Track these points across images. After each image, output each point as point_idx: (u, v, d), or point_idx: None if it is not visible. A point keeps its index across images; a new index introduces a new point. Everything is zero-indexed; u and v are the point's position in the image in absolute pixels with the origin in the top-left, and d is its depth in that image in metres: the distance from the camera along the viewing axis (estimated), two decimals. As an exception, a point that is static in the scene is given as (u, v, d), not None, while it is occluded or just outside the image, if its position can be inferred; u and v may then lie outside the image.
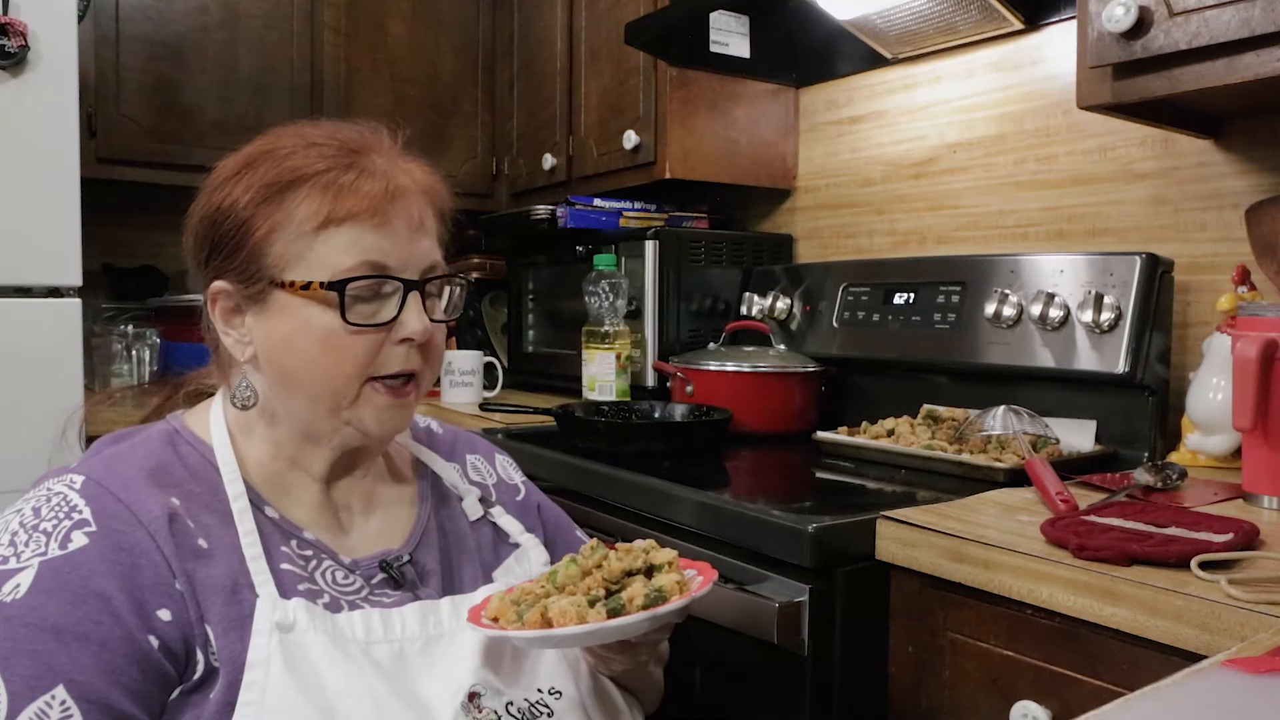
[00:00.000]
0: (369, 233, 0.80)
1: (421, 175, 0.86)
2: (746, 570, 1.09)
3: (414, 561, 0.87)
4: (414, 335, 0.81)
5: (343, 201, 0.79)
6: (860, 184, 2.06)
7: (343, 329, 0.79)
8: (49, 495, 0.75)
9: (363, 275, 0.79)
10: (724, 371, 1.75)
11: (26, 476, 0.79)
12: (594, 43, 2.31)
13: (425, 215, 0.85)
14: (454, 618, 0.82)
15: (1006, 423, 1.37)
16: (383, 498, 0.91)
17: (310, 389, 0.81)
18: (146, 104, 2.28)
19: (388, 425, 0.83)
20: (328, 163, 0.80)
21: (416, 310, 0.81)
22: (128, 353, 2.15)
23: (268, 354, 0.82)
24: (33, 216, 1.72)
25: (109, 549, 0.72)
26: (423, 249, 0.83)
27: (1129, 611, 0.82)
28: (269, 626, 0.73)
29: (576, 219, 2.17)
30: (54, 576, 0.69)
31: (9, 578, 0.69)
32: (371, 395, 0.81)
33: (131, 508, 0.74)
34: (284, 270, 0.79)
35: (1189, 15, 1.09)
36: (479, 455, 1.04)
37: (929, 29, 1.78)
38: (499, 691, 0.78)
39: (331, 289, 0.78)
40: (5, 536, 0.73)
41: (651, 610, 0.74)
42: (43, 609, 0.68)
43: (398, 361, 0.81)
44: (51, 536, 0.71)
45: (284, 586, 0.77)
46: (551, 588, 0.78)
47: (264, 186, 0.80)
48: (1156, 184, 1.54)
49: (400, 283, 0.81)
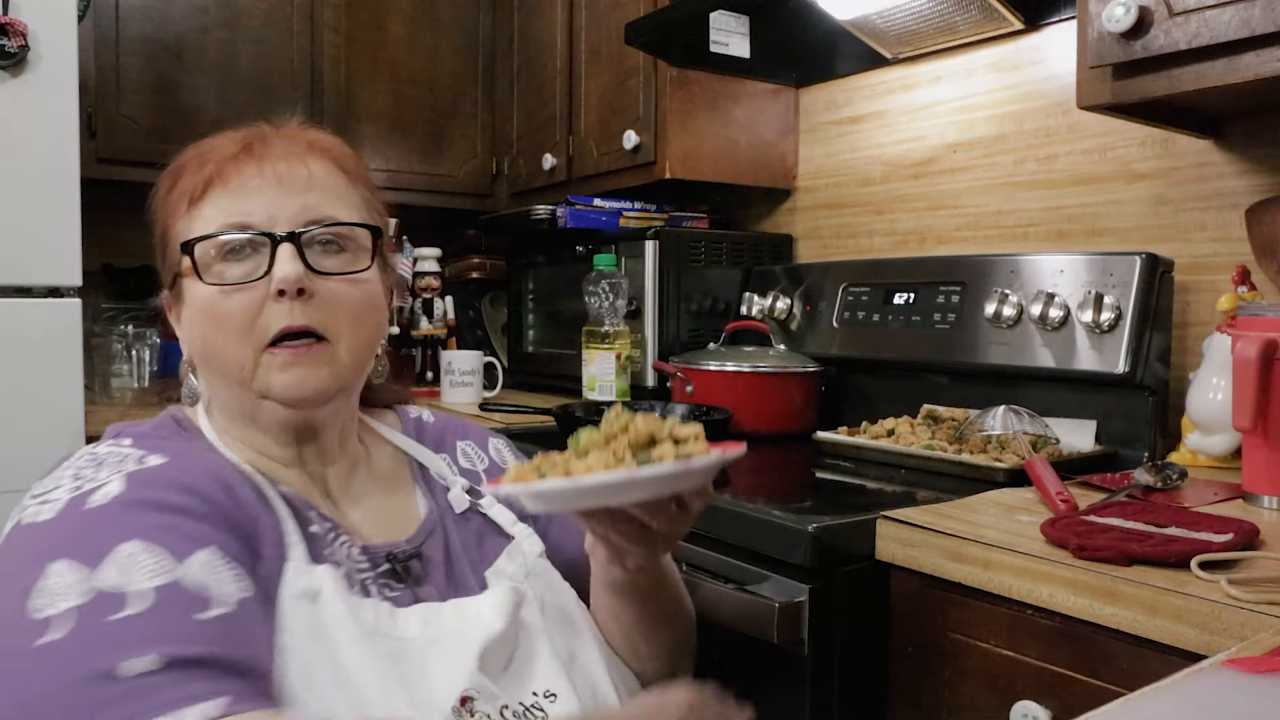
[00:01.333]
0: (228, 196, 0.79)
1: (316, 136, 0.86)
2: (746, 570, 1.09)
3: (421, 556, 0.86)
4: (282, 284, 0.77)
5: (202, 171, 0.80)
6: (860, 184, 2.06)
7: (216, 293, 0.78)
8: (94, 453, 0.74)
9: (212, 234, 0.78)
10: (724, 371, 1.75)
11: (27, 476, 0.79)
12: (594, 43, 2.31)
13: (316, 171, 0.82)
14: (457, 619, 0.81)
15: (1006, 423, 1.37)
16: (369, 490, 0.89)
17: (216, 366, 0.81)
18: (146, 104, 2.27)
19: (294, 384, 0.79)
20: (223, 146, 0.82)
21: (287, 259, 0.78)
22: (128, 353, 2.14)
23: (189, 345, 0.84)
24: (33, 216, 1.72)
25: (188, 466, 0.73)
26: (300, 203, 0.80)
27: (1129, 611, 0.82)
28: (297, 593, 0.73)
29: (576, 219, 2.17)
30: (145, 478, 0.70)
31: (95, 489, 0.69)
32: (269, 360, 0.79)
33: (189, 449, 0.76)
34: (176, 260, 0.81)
35: (1189, 15, 1.09)
36: (470, 441, 1.02)
37: (929, 29, 1.78)
38: (493, 695, 0.77)
39: (184, 252, 0.79)
40: (67, 476, 0.72)
41: (685, 461, 0.69)
42: (148, 496, 0.68)
43: (280, 318, 0.78)
44: (125, 460, 0.72)
45: (314, 550, 0.77)
46: (575, 453, 0.74)
47: (166, 186, 0.84)
48: (1156, 184, 1.54)
49: (266, 237, 0.78)
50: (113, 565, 0.64)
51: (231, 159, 0.80)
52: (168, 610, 0.63)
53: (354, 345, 0.82)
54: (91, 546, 0.65)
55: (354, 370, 0.84)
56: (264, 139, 0.83)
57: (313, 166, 0.83)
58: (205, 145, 0.83)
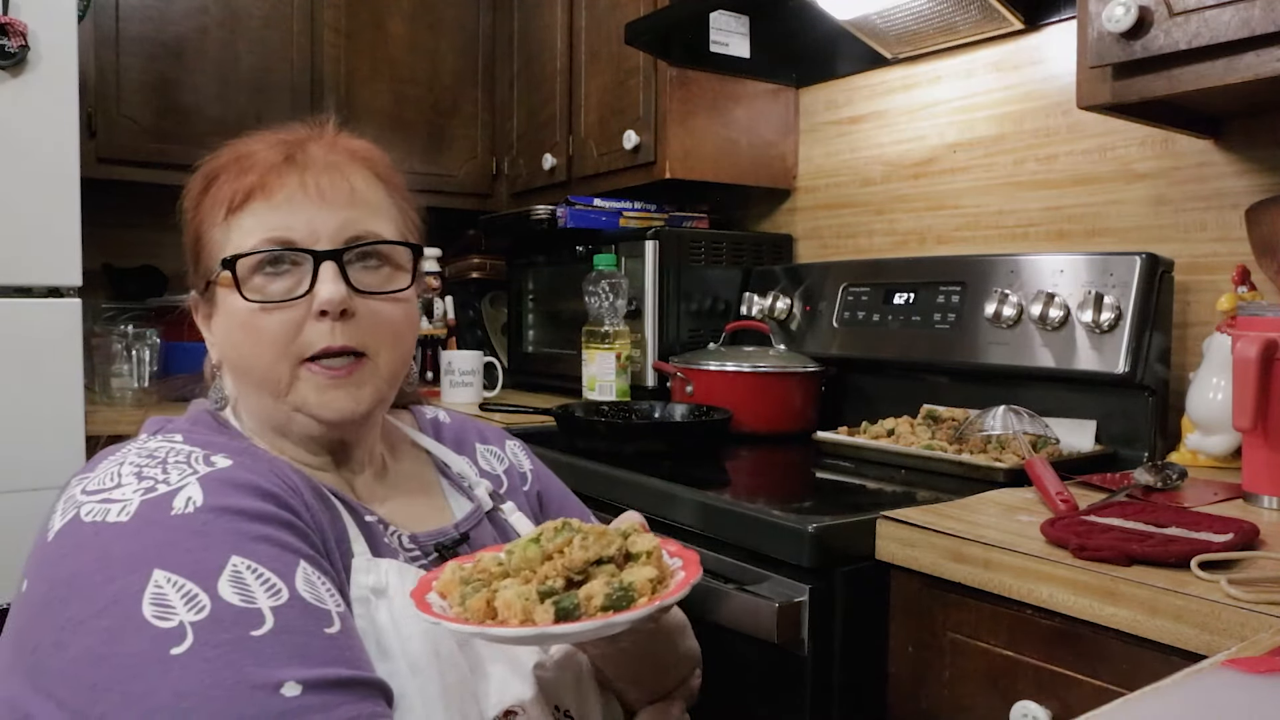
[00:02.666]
0: (270, 211, 0.77)
1: (358, 145, 0.85)
2: (746, 570, 1.09)
3: (469, 540, 0.85)
4: (326, 306, 0.76)
5: (243, 180, 0.78)
6: (860, 184, 2.06)
7: (254, 310, 0.77)
8: (148, 449, 0.71)
9: (257, 251, 0.77)
10: (724, 371, 1.75)
11: (27, 477, 0.79)
12: (594, 43, 2.31)
13: (357, 183, 0.81)
14: None
15: (1006, 423, 1.37)
16: (398, 489, 0.89)
17: (250, 378, 0.80)
18: (146, 104, 2.27)
19: (331, 408, 0.78)
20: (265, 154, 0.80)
21: (330, 279, 0.76)
22: (128, 353, 2.14)
23: (221, 351, 0.83)
24: (33, 216, 1.72)
25: (255, 468, 0.71)
26: (342, 219, 0.79)
27: (1129, 611, 0.82)
28: (364, 592, 0.73)
29: (576, 219, 2.17)
30: (221, 483, 0.68)
31: (176, 493, 0.66)
32: (306, 376, 0.78)
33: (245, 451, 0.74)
34: (212, 268, 0.79)
35: (1189, 15, 1.09)
36: (490, 444, 1.02)
37: (929, 29, 1.78)
38: (524, 711, 0.77)
39: (225, 268, 0.77)
40: (127, 478, 0.68)
41: (605, 618, 0.63)
42: (234, 505, 0.66)
43: (322, 337, 0.77)
44: (189, 460, 0.69)
45: (374, 543, 0.77)
46: (508, 568, 0.70)
47: (200, 187, 0.81)
48: (1156, 184, 1.54)
49: (308, 254, 0.77)
50: (226, 582, 0.62)
51: (274, 169, 0.78)
52: (294, 631, 0.62)
53: (392, 361, 0.82)
54: (195, 560, 0.63)
55: (391, 385, 0.84)
56: (304, 147, 0.81)
57: (354, 179, 0.81)
58: (243, 148, 0.81)
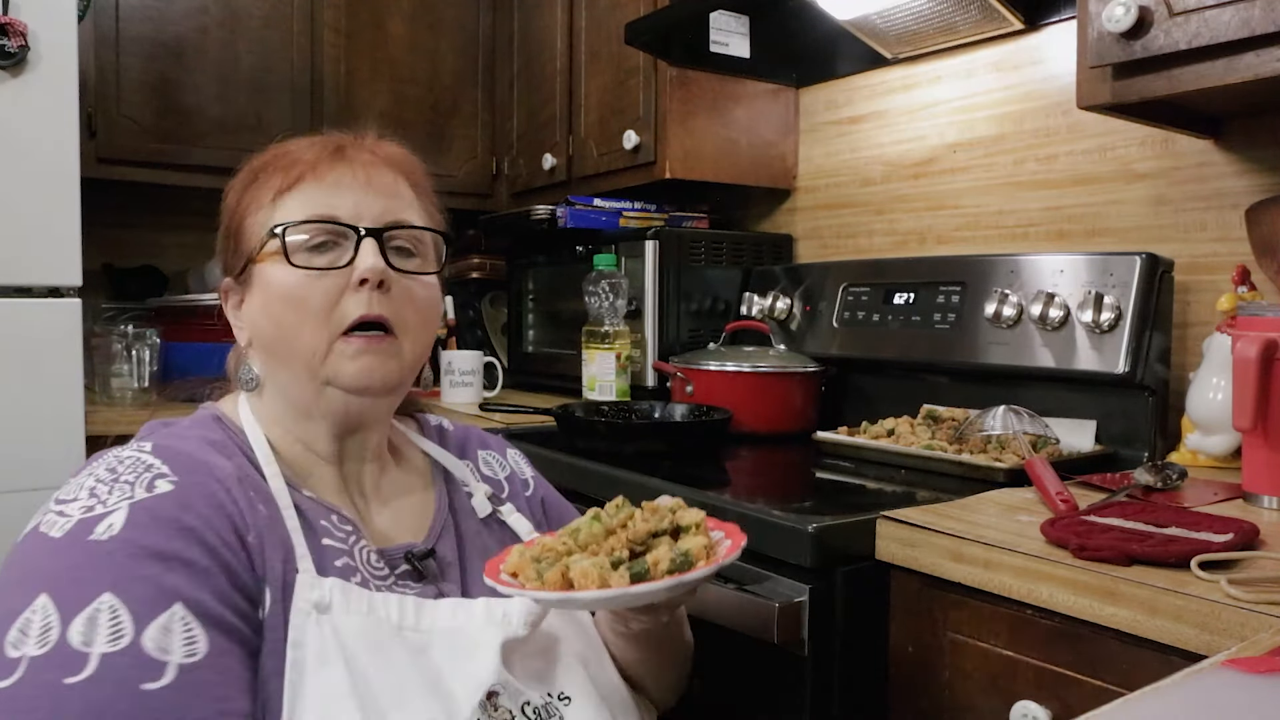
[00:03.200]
0: (318, 190, 0.83)
1: (393, 149, 0.90)
2: (746, 570, 1.09)
3: (436, 555, 0.88)
4: (367, 274, 0.81)
5: (294, 169, 0.84)
6: (860, 184, 2.06)
7: (300, 278, 0.81)
8: (119, 458, 0.75)
9: (307, 220, 0.82)
10: (724, 371, 1.75)
11: (27, 477, 0.79)
12: (594, 43, 2.31)
13: (395, 182, 0.87)
14: (485, 617, 0.81)
15: (1006, 423, 1.37)
16: (397, 491, 0.92)
17: (286, 352, 0.83)
18: (146, 104, 2.27)
19: (364, 374, 0.82)
20: (310, 153, 0.85)
21: (371, 253, 0.82)
22: (128, 353, 2.14)
23: (254, 330, 0.86)
24: (33, 216, 1.72)
25: (192, 495, 0.73)
26: (384, 205, 0.85)
27: (1129, 611, 0.82)
28: (307, 606, 0.74)
29: (576, 219, 2.17)
30: (146, 513, 0.70)
31: (100, 520, 0.69)
32: (342, 347, 0.82)
33: (206, 464, 0.76)
34: (255, 246, 0.84)
35: (1189, 15, 1.09)
36: (491, 451, 1.05)
37: (929, 29, 1.78)
38: (517, 691, 0.78)
39: (274, 236, 0.82)
40: (84, 491, 0.72)
41: (677, 577, 0.72)
42: (141, 540, 0.68)
43: (359, 306, 0.81)
44: (135, 484, 0.72)
45: (322, 564, 0.78)
46: (574, 545, 0.77)
47: (246, 179, 0.87)
48: (1156, 184, 1.54)
49: (351, 229, 0.82)
50: (82, 620, 0.64)
51: (324, 160, 0.85)
52: (111, 681, 0.63)
53: (417, 343, 0.86)
54: (73, 592, 0.65)
55: (413, 368, 0.88)
56: (350, 145, 0.87)
57: (393, 177, 0.88)
58: (290, 147, 0.88)
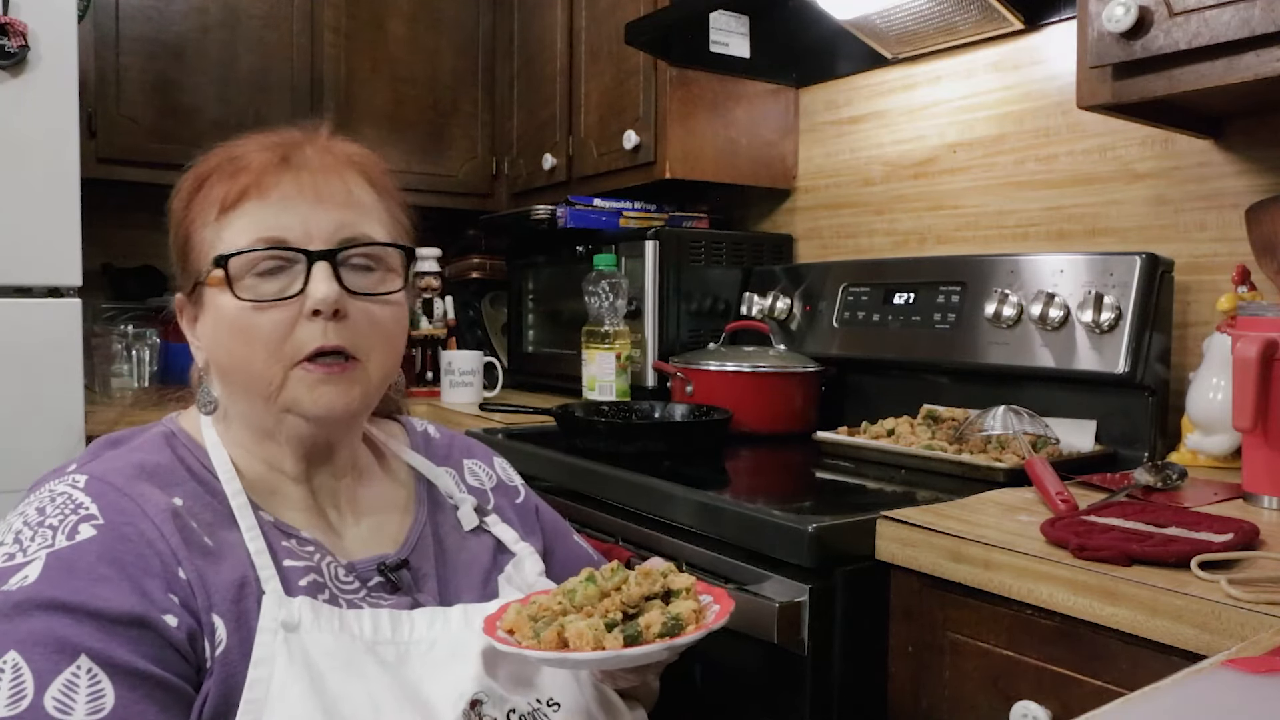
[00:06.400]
0: (264, 209, 0.78)
1: (351, 149, 0.85)
2: (746, 570, 1.09)
3: (410, 566, 0.86)
4: (319, 305, 0.76)
5: (237, 180, 0.78)
6: (860, 184, 2.06)
7: (248, 309, 0.77)
8: (52, 495, 0.74)
9: (251, 249, 0.77)
10: (724, 371, 1.75)
11: (26, 476, 0.79)
12: (594, 43, 2.31)
13: (352, 187, 0.82)
14: (463, 624, 0.81)
15: (1006, 423, 1.37)
16: (374, 503, 0.90)
17: (240, 380, 0.80)
18: (146, 104, 2.27)
19: (323, 403, 0.78)
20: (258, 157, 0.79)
21: (324, 279, 0.77)
22: (128, 353, 2.14)
23: (208, 354, 0.83)
24: (33, 216, 1.72)
25: (116, 540, 0.71)
26: (337, 220, 0.79)
27: (1129, 611, 0.82)
28: (274, 625, 0.73)
29: (576, 219, 2.17)
30: (61, 564, 0.69)
31: (17, 570, 0.69)
32: (299, 375, 0.78)
33: (137, 500, 0.74)
34: (202, 269, 0.79)
35: (1189, 15, 1.09)
36: (476, 459, 1.03)
37: (929, 29, 1.78)
38: (501, 699, 0.78)
39: (218, 267, 0.77)
40: (9, 536, 0.72)
41: (669, 641, 0.75)
42: (50, 593, 0.67)
43: (314, 338, 0.77)
44: (58, 530, 0.71)
45: (288, 584, 0.77)
46: (569, 605, 0.79)
47: (190, 189, 0.81)
48: (1156, 184, 1.54)
49: (301, 254, 0.77)
50: None
51: (269, 170, 0.78)
52: None
53: (383, 364, 0.83)
54: None
55: (380, 389, 0.84)
56: (299, 148, 0.81)
57: (349, 181, 0.82)
58: (235, 149, 0.81)
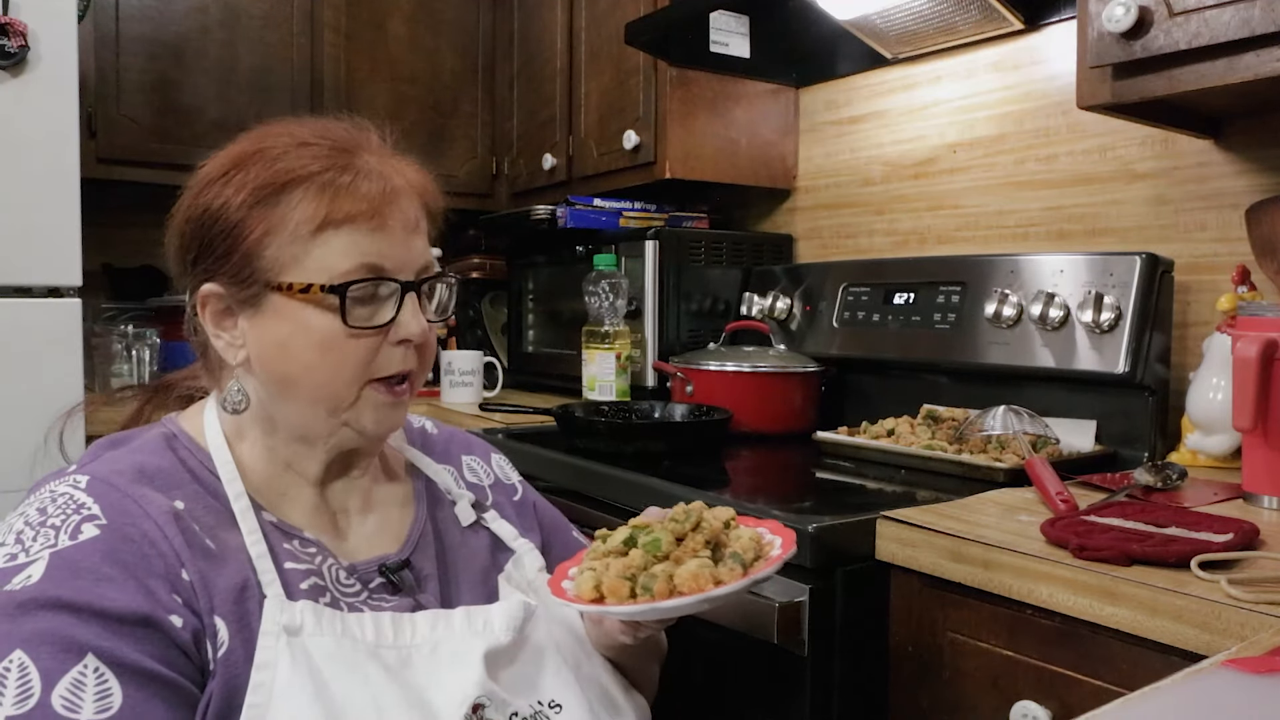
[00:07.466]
0: (366, 235, 0.79)
1: (414, 175, 0.86)
2: (746, 570, 1.09)
3: (411, 566, 0.86)
4: (412, 337, 0.81)
5: (340, 204, 0.78)
6: (860, 184, 2.06)
7: (343, 332, 0.79)
8: (53, 495, 0.75)
9: (363, 279, 0.79)
10: (724, 371, 1.75)
11: (26, 476, 0.79)
12: (594, 43, 2.31)
13: (419, 216, 0.85)
14: (465, 626, 0.81)
15: (1006, 423, 1.37)
16: (378, 499, 0.90)
17: (309, 392, 0.81)
18: (146, 104, 2.28)
19: (385, 424, 0.84)
20: (321, 164, 0.79)
21: (414, 311, 0.82)
22: (128, 353, 2.14)
23: (262, 357, 0.81)
24: (33, 216, 1.72)
25: (119, 540, 0.71)
26: (418, 250, 0.83)
27: (1129, 611, 0.82)
28: (276, 629, 0.73)
29: (576, 219, 2.17)
30: (65, 564, 0.69)
31: (20, 570, 0.69)
32: (371, 396, 0.81)
33: (139, 501, 0.74)
34: (280, 273, 0.78)
35: (1189, 15, 1.09)
36: (475, 456, 1.03)
37: (929, 29, 1.78)
38: (504, 702, 0.78)
39: (332, 292, 0.78)
40: (11, 536, 0.72)
41: (766, 568, 0.77)
42: (54, 592, 0.68)
43: (396, 362, 0.82)
44: (60, 530, 0.71)
45: (289, 587, 0.77)
46: (651, 559, 0.79)
47: (257, 188, 0.79)
48: (1156, 184, 1.54)
49: (398, 284, 0.81)
50: None
51: (379, 200, 0.80)
52: None
53: (421, 382, 0.87)
54: None
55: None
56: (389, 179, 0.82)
57: (418, 209, 0.85)
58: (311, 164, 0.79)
